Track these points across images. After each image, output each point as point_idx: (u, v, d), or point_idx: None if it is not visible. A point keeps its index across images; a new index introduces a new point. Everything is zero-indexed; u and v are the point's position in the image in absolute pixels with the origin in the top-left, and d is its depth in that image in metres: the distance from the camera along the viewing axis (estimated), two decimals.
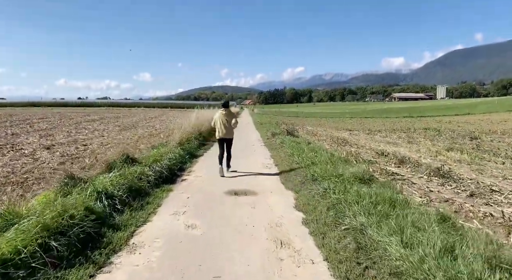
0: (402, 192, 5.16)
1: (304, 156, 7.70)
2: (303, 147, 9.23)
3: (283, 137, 11.94)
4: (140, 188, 5.14)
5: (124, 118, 35.00)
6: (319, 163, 6.85)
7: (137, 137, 14.03)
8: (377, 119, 48.57)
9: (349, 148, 12.29)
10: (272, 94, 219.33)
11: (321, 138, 16.07)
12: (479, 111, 52.07)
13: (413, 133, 21.76)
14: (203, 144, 11.70)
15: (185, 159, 8.29)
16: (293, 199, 5.03)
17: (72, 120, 27.65)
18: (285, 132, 12.96)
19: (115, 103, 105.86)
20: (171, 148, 8.48)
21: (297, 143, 10.19)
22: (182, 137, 10.21)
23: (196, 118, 13.30)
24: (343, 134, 20.28)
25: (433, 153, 11.72)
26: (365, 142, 15.47)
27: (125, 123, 25.07)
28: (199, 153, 9.83)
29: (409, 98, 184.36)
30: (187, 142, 10.24)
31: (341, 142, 14.37)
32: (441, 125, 28.87)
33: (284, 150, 9.38)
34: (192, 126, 12.06)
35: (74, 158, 8.52)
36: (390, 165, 8.78)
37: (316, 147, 9.46)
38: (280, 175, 6.76)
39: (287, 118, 45.94)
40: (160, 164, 6.56)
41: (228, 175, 6.93)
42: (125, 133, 15.66)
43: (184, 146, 9.50)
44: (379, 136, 19.10)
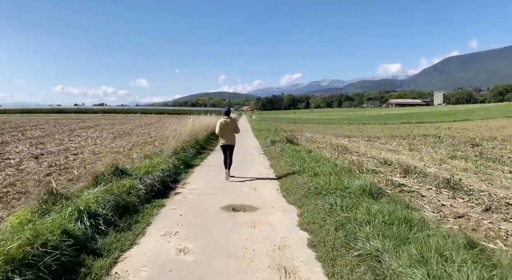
0: (415, 208, 4.76)
1: (306, 166, 7.28)
2: (304, 156, 8.83)
3: (283, 145, 11.53)
4: (129, 204, 4.68)
5: (120, 125, 34.53)
6: (322, 174, 6.43)
7: (130, 145, 13.57)
8: (376, 125, 48.41)
9: (350, 156, 11.91)
10: (269, 100, 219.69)
11: (321, 145, 15.69)
12: (477, 117, 52.07)
13: (413, 139, 21.47)
14: (200, 152, 11.26)
15: (180, 170, 7.84)
16: (296, 215, 4.60)
17: (66, 127, 27.14)
18: (285, 139, 12.55)
19: (111, 109, 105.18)
20: (165, 158, 8.04)
21: (298, 152, 9.79)
22: (177, 145, 9.78)
23: (193, 125, 12.88)
24: (343, 141, 19.93)
25: (437, 161, 11.35)
26: (366, 149, 15.11)
27: (120, 130, 24.60)
28: (195, 162, 9.38)
29: (406, 104, 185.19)
30: (182, 150, 9.80)
31: (342, 149, 13.98)
32: (440, 131, 28.62)
33: (284, 159, 8.96)
34: (188, 134, 11.63)
35: (62, 168, 8.05)
36: (395, 175, 8.38)
37: (318, 155, 9.06)
38: (281, 187, 6.33)
39: (285, 125, 45.64)
40: (152, 176, 6.11)
41: (225, 187, 6.50)
42: (119, 141, 15.19)
43: (179, 155, 9.06)
44: (379, 143, 18.76)
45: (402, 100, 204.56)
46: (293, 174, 7.05)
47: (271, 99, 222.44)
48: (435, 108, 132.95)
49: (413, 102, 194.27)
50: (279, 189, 6.17)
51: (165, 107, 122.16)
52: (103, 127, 28.73)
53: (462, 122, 46.31)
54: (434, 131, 29.42)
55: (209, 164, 9.20)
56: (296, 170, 7.19)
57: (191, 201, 5.45)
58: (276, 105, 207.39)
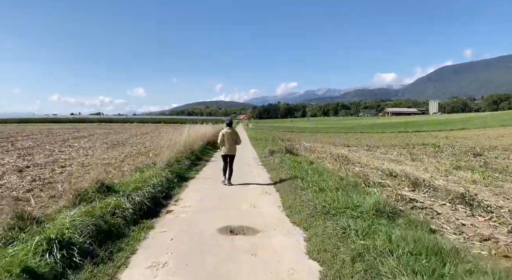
0: (436, 229, 4.22)
1: (309, 179, 6.75)
2: (305, 168, 8.30)
3: (282, 156, 11.01)
4: (112, 227, 4.11)
5: (115, 134, 33.91)
6: (328, 189, 5.90)
7: (123, 156, 12.98)
8: (373, 134, 48.19)
9: (353, 168, 11.41)
10: (266, 109, 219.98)
11: (321, 155, 15.19)
12: (473, 126, 52.11)
13: (413, 149, 21.09)
14: (195, 164, 10.69)
15: (173, 184, 7.26)
16: (303, 240, 4.03)
17: (59, 137, 26.48)
18: (284, 149, 12.03)
19: (107, 118, 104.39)
20: (158, 170, 7.47)
21: (298, 163, 9.26)
22: (171, 157, 9.21)
23: (188, 135, 12.34)
24: (342, 150, 19.46)
25: (443, 173, 10.90)
26: (367, 159, 14.63)
27: (114, 140, 23.97)
28: (190, 175, 8.81)
29: (402, 113, 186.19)
30: (176, 162, 9.23)
31: (343, 160, 13.49)
32: (438, 140, 28.33)
33: (285, 172, 8.42)
34: (183, 144, 11.08)
35: (46, 183, 7.44)
36: (403, 188, 7.88)
37: (320, 167, 8.54)
38: (284, 204, 5.77)
39: (282, 134, 45.21)
40: (142, 193, 5.53)
41: (222, 203, 5.94)
42: (112, 152, 14.59)
43: (173, 167, 8.49)
44: (379, 153, 18.31)
45: (398, 109, 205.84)
46: (295, 189, 6.50)
47: (268, 108, 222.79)
48: (430, 117, 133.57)
49: (408, 111, 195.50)
50: (281, 206, 5.61)
51: (162, 116, 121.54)
52: (97, 136, 28.08)
53: (459, 131, 46.26)
54: (432, 140, 29.13)
55: (205, 177, 8.64)
56: (299, 184, 6.64)
57: (183, 221, 4.88)
58: (273, 114, 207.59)
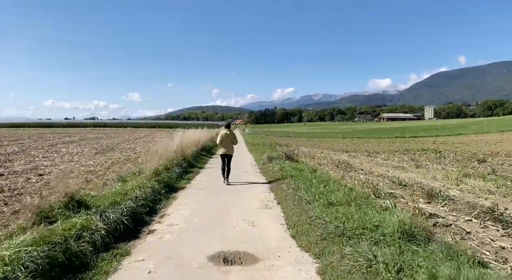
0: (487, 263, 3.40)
1: (314, 191, 5.92)
2: (309, 177, 7.48)
3: (282, 162, 10.19)
4: (74, 257, 3.24)
5: (107, 139, 32.91)
6: (337, 203, 5.08)
7: (110, 162, 12.07)
8: (371, 139, 47.66)
9: (356, 175, 10.62)
10: (262, 114, 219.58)
11: (322, 161, 14.38)
12: (470, 132, 51.81)
13: (414, 155, 20.41)
14: (187, 171, 9.80)
15: (160, 196, 6.38)
16: (315, 273, 3.18)
17: (48, 142, 25.40)
18: (283, 156, 11.20)
19: (101, 123, 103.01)
20: (143, 180, 6.61)
21: (300, 171, 8.45)
22: (159, 164, 8.35)
23: (180, 140, 11.49)
24: (343, 156, 18.71)
25: (453, 181, 10.13)
26: (370, 166, 13.87)
27: (105, 145, 22.99)
28: (180, 184, 7.93)
29: (397, 118, 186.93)
30: (166, 170, 8.36)
31: (345, 166, 12.70)
32: (438, 146, 27.75)
33: (287, 181, 7.59)
34: (175, 150, 10.22)
35: (15, 194, 6.53)
36: (417, 199, 7.07)
37: (324, 176, 7.72)
38: (288, 221, 4.92)
39: (279, 139, 44.47)
40: (120, 208, 4.66)
41: (215, 220, 5.08)
42: (99, 158, 13.66)
43: (161, 176, 7.61)
44: (380, 159, 17.58)
45: (393, 114, 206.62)
46: (300, 202, 5.67)
47: (264, 113, 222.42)
48: (426, 122, 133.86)
49: (404, 116, 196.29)
50: (284, 225, 4.76)
51: (157, 121, 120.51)
52: (88, 141, 27.03)
53: (457, 137, 45.89)
54: (431, 145, 28.54)
55: (197, 187, 7.76)
56: (303, 196, 5.80)
57: (167, 245, 4.01)
58: (269, 119, 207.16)
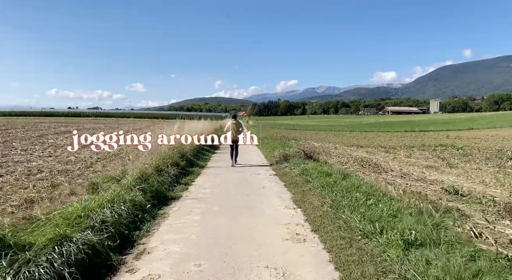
0: None
1: (366, 212, 4.04)
2: (343, 185, 5.61)
3: (301, 162, 8.32)
4: None
5: (105, 129, 31.22)
6: (416, 240, 3.22)
7: (96, 158, 10.27)
8: (380, 133, 45.73)
9: (391, 178, 8.75)
10: (266, 106, 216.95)
11: (341, 159, 12.49)
12: (481, 126, 49.68)
13: (434, 151, 18.53)
14: (185, 172, 7.90)
15: (144, 213, 4.52)
16: None
17: (40, 132, 23.70)
18: (302, 153, 9.27)
19: (103, 113, 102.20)
20: (122, 189, 4.76)
21: (328, 175, 6.56)
22: (149, 164, 6.51)
23: (178, 133, 9.62)
24: (360, 152, 16.82)
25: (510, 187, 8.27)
26: (399, 166, 11.99)
27: None
28: (175, 193, 6.05)
29: (402, 112, 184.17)
30: (157, 172, 6.51)
31: (372, 167, 10.82)
32: (453, 141, 25.77)
33: (316, 192, 5.67)
34: (170, 147, 8.36)
35: None
36: (497, 221, 5.20)
37: (364, 184, 5.81)
38: (338, 265, 3.06)
39: (286, 131, 42.58)
40: (66, 250, 2.83)
41: (223, 270, 3.22)
42: (86, 152, 11.84)
43: (149, 181, 5.75)
44: (402, 156, 15.66)
45: (398, 108, 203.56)
46: (350, 234, 3.77)
47: (268, 105, 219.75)
48: (433, 116, 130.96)
49: (409, 110, 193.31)
50: (334, 275, 2.90)
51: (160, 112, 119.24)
52: (82, 132, 25.28)
53: (469, 131, 43.82)
54: (446, 140, 26.58)
55: (197, 196, 5.88)
56: (352, 222, 3.91)
57: None
58: (273, 111, 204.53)
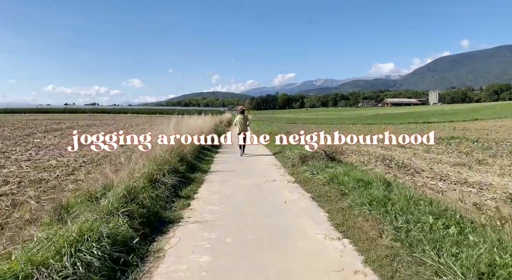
0: None
1: (458, 253, 2.70)
2: (394, 199, 4.24)
3: (325, 165, 6.93)
4: None
5: (100, 126, 29.77)
6: None
7: (81, 161, 8.85)
8: (383, 125, 44.40)
9: (427, 180, 7.42)
10: (264, 100, 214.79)
11: (360, 157, 11.09)
12: (486, 117, 48.38)
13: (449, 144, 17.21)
14: (186, 181, 6.43)
15: (130, 253, 3.13)
16: None
17: (29, 130, 22.18)
18: (323, 154, 7.85)
19: (100, 109, 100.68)
20: (96, 221, 3.36)
21: (367, 184, 5.18)
22: (139, 174, 5.09)
23: (177, 131, 8.20)
24: (375, 148, 15.46)
25: None
26: (426, 163, 10.62)
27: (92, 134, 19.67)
28: (174, 213, 4.57)
29: (402, 103, 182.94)
30: (150, 184, 5.11)
31: (399, 166, 9.43)
32: (463, 132, 24.45)
33: (363, 212, 4.18)
34: (168, 149, 6.93)
35: None
36: None
37: (420, 197, 4.42)
38: None
39: (287, 126, 41.08)
40: None
41: None
42: (70, 154, 10.40)
43: (140, 198, 4.35)
44: (420, 151, 14.31)
45: (398, 100, 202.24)
46: None
47: (266, 99, 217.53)
48: (432, 107, 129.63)
49: (408, 101, 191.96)
50: None
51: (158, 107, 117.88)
52: (73, 130, 23.76)
53: (474, 122, 42.55)
54: (455, 132, 25.20)
55: (202, 218, 4.39)
56: (443, 271, 2.55)
57: None
58: (271, 105, 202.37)
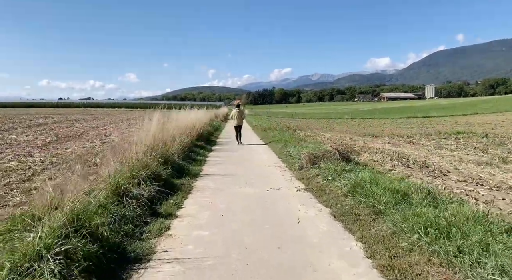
0: None
1: None
2: (458, 222, 2.99)
3: (340, 168, 5.62)
4: None
5: (89, 121, 28.33)
6: None
7: (48, 162, 7.45)
8: (383, 120, 43.45)
9: (476, 189, 6.16)
10: (260, 95, 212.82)
11: (373, 156, 9.82)
12: (486, 111, 47.62)
13: (458, 139, 16.09)
14: (169, 191, 4.92)
15: None
16: None
17: (8, 125, 20.61)
18: (336, 153, 6.50)
19: (94, 103, 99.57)
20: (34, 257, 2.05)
21: (404, 196, 3.92)
22: (104, 185, 3.74)
23: (159, 128, 6.82)
24: (382, 144, 14.20)
25: None
26: (447, 162, 9.38)
27: (75, 130, 18.21)
28: (144, 244, 3.18)
29: (398, 98, 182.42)
30: (116, 199, 3.76)
31: (420, 166, 8.17)
32: (467, 127, 23.36)
33: (421, 248, 2.86)
34: (145, 148, 5.56)
35: None
36: None
37: (492, 222, 3.16)
38: None
39: (285, 120, 39.78)
40: None
41: None
42: (40, 153, 8.98)
43: (94, 223, 3.02)
44: (433, 147, 13.07)
45: (394, 94, 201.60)
46: None
47: (262, 93, 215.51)
48: (429, 101, 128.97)
49: (405, 96, 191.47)
50: None
51: (153, 101, 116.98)
52: (59, 125, 22.27)
53: (475, 116, 41.72)
54: (458, 127, 24.15)
55: (184, 255, 2.95)
56: None
57: None
58: (267, 99, 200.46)
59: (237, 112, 12.43)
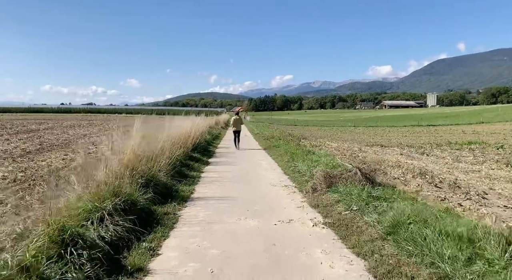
0: None
1: None
2: None
3: (369, 195, 4.44)
4: None
5: (85, 127, 27.36)
6: None
7: (10, 179, 6.29)
8: (387, 128, 42.45)
9: None
10: (262, 101, 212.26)
11: (392, 171, 8.63)
12: (491, 120, 46.60)
13: (473, 151, 14.98)
14: (142, 231, 3.65)
15: None
16: None
17: None
18: (358, 173, 5.28)
19: (95, 109, 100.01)
20: None
21: (470, 243, 2.76)
22: (42, 230, 2.58)
23: (144, 140, 5.67)
24: (395, 155, 13.05)
25: None
26: (477, 181, 8.18)
27: (66, 137, 17.10)
28: None
29: (400, 106, 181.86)
30: (57, 248, 2.60)
31: (450, 186, 6.96)
32: (477, 137, 22.24)
33: None
34: (126, 163, 4.39)
35: None
36: None
37: None
38: None
39: (287, 128, 38.74)
40: None
41: None
42: (14, 164, 7.82)
43: None
44: (451, 159, 11.87)
45: (396, 102, 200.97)
46: None
47: (264, 100, 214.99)
48: (431, 109, 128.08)
49: (406, 104, 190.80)
50: None
51: (154, 107, 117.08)
52: (49, 131, 21.17)
53: (481, 125, 40.63)
54: (467, 136, 23.07)
55: None
56: None
57: None
58: (269, 106, 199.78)
59: (236, 119, 13.76)
